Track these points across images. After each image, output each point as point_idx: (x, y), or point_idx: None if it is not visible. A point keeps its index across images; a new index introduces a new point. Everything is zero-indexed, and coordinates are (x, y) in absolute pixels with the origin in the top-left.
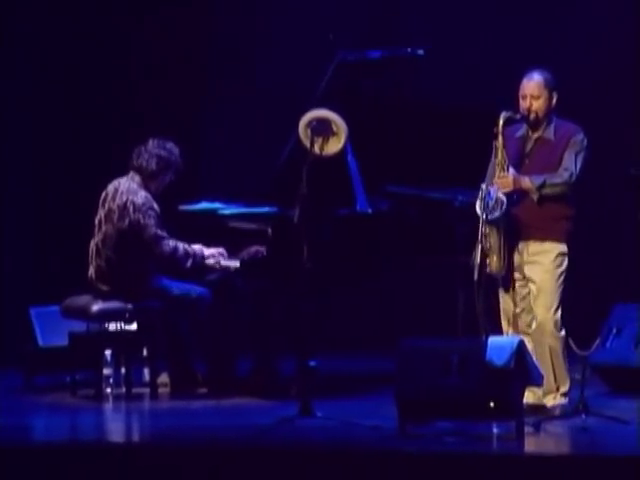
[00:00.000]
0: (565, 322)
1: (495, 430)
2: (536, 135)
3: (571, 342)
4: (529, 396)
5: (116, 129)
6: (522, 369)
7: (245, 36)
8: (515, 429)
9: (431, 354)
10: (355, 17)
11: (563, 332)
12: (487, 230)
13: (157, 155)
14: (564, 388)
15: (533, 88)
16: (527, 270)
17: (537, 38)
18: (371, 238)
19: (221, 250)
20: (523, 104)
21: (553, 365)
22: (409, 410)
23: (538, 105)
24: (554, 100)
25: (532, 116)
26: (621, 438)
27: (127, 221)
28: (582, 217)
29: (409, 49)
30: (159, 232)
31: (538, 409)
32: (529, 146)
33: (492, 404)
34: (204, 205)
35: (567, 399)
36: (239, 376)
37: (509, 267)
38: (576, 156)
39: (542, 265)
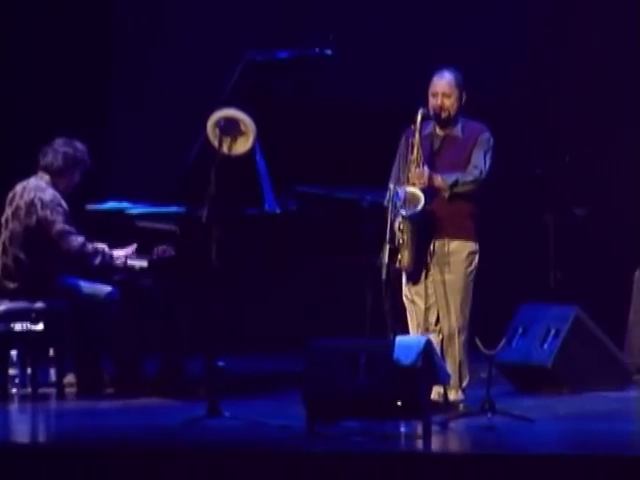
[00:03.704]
0: (472, 322)
1: (402, 429)
2: (444, 133)
3: (478, 341)
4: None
5: (22, 130)
6: (429, 368)
7: (152, 35)
8: (422, 428)
9: (339, 354)
10: (264, 17)
11: (468, 330)
12: (401, 225)
13: (64, 152)
14: (464, 383)
15: (444, 86)
16: (438, 269)
17: (444, 38)
18: (279, 238)
19: (130, 251)
20: (434, 102)
21: (459, 361)
22: (317, 410)
23: (449, 103)
24: (463, 99)
25: (444, 114)
26: (526, 436)
27: (34, 218)
28: (489, 217)
29: (317, 49)
30: (67, 227)
31: (439, 405)
32: (437, 144)
33: (399, 403)
34: (111, 205)
35: (464, 394)
36: (147, 376)
37: (419, 265)
38: (485, 154)
39: (453, 264)
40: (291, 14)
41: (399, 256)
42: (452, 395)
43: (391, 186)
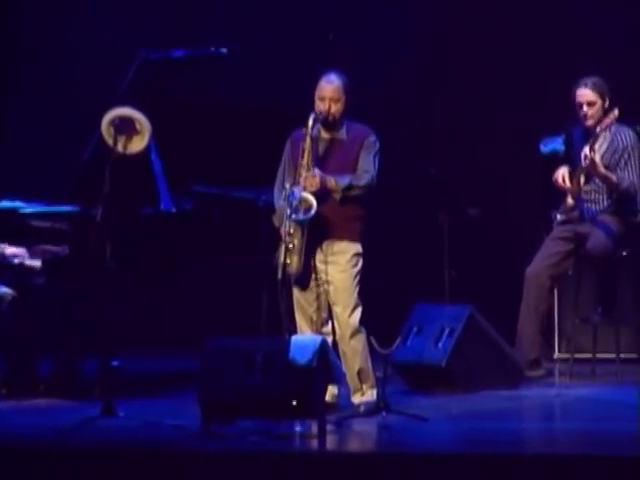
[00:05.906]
0: (367, 321)
1: (298, 428)
2: (329, 136)
3: (373, 341)
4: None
5: None
6: (324, 368)
7: (48, 34)
8: (317, 427)
9: (235, 353)
10: (160, 16)
11: (363, 330)
12: (292, 230)
13: None
14: (369, 384)
15: (333, 91)
16: (324, 270)
17: (337, 39)
18: (175, 237)
19: (22, 250)
20: (321, 105)
21: (356, 363)
22: (212, 409)
23: (337, 108)
24: (348, 102)
25: (330, 118)
26: (420, 435)
27: None
28: (384, 218)
29: (212, 48)
30: None
31: (332, 407)
32: (323, 147)
33: (295, 403)
34: (4, 204)
35: (374, 393)
36: (40, 376)
37: (307, 266)
38: (373, 158)
39: (339, 265)
40: (187, 13)
41: (288, 260)
42: (357, 398)
43: (287, 185)
